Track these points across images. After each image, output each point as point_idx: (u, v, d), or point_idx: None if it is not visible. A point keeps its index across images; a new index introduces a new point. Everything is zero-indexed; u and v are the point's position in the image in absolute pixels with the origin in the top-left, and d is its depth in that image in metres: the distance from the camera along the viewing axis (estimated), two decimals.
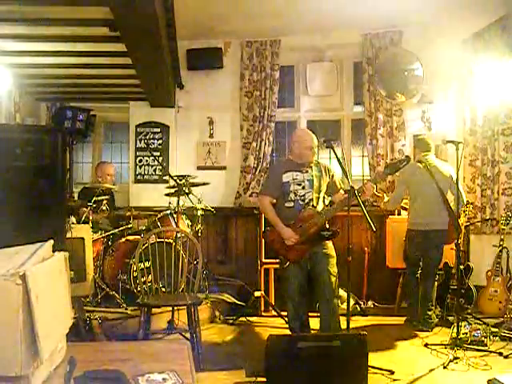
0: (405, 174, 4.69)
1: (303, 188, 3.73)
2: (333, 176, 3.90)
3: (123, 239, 4.98)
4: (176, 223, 4.91)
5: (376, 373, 3.32)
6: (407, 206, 4.82)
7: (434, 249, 4.50)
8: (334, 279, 3.64)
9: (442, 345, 3.92)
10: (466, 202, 4.73)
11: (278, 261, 3.89)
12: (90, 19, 3.86)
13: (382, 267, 5.29)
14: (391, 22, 5.60)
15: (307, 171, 3.78)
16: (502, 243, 4.83)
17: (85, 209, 4.78)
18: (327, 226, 3.72)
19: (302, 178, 3.75)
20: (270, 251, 4.85)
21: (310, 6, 5.06)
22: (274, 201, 3.79)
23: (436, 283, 4.59)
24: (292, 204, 3.72)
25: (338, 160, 3.56)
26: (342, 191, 3.86)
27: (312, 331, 3.82)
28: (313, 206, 3.71)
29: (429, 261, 4.53)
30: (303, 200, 3.72)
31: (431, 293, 4.51)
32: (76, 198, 5.44)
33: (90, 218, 4.65)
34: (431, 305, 4.49)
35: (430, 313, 4.47)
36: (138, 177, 6.21)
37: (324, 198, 3.85)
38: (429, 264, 4.53)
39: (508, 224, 4.85)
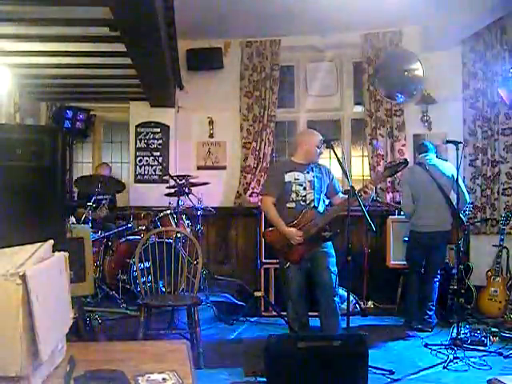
0: (405, 177, 4.68)
1: (304, 189, 3.72)
2: (333, 178, 3.90)
3: (123, 239, 4.99)
4: (176, 223, 4.91)
5: (376, 373, 3.31)
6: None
7: (438, 250, 4.50)
8: (334, 278, 3.64)
9: (442, 345, 3.92)
10: (469, 202, 4.68)
11: (278, 261, 3.88)
12: (90, 19, 3.86)
13: (382, 267, 5.28)
14: (391, 21, 5.60)
15: (308, 172, 3.77)
16: (502, 243, 4.82)
17: (83, 209, 4.79)
18: (328, 227, 3.72)
19: (303, 179, 3.74)
20: (270, 251, 4.85)
21: (310, 5, 5.06)
22: (274, 200, 3.78)
23: (438, 283, 4.58)
24: (294, 204, 3.71)
25: (338, 160, 3.56)
26: (341, 194, 3.86)
27: (312, 331, 3.82)
28: (314, 206, 3.71)
29: (432, 261, 4.52)
30: (305, 201, 3.71)
31: (432, 293, 4.50)
32: (76, 195, 5.45)
33: (90, 217, 4.65)
34: (432, 305, 4.49)
35: (430, 313, 4.46)
36: (138, 177, 6.21)
37: (324, 199, 3.85)
38: (432, 265, 4.52)
39: (508, 224, 4.85)
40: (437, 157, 4.73)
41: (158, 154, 6.13)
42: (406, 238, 4.78)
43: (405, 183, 4.68)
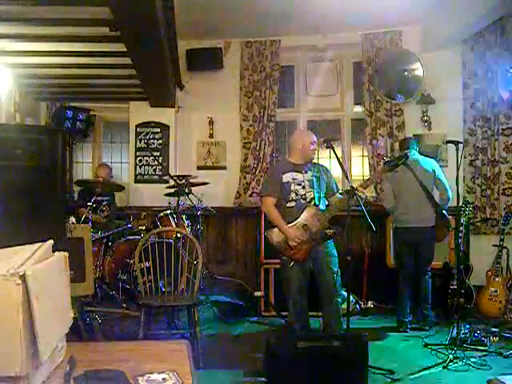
0: (387, 173, 4.69)
1: (303, 188, 3.73)
2: (331, 178, 3.91)
3: (123, 239, 4.98)
4: (176, 223, 4.91)
5: (376, 373, 3.32)
6: None
7: (424, 246, 4.47)
8: (336, 278, 3.65)
9: (442, 345, 3.92)
10: (447, 197, 4.46)
11: (280, 261, 3.87)
12: (90, 19, 3.86)
13: (381, 267, 5.29)
14: (391, 22, 5.60)
15: (306, 172, 3.79)
16: (501, 243, 4.83)
17: (84, 209, 4.79)
18: (329, 225, 3.72)
19: (301, 179, 3.75)
20: (270, 251, 4.84)
21: (310, 5, 5.06)
22: (275, 201, 3.79)
23: (431, 280, 4.55)
24: (293, 204, 3.72)
25: (338, 160, 3.56)
26: (338, 194, 3.87)
27: (312, 331, 3.82)
28: (315, 204, 3.71)
29: (420, 259, 4.50)
30: (305, 199, 3.72)
31: (427, 291, 4.49)
32: (76, 195, 5.45)
33: (90, 218, 4.66)
34: (428, 303, 4.48)
35: (427, 312, 4.46)
36: (138, 177, 6.21)
37: (324, 197, 3.85)
38: (421, 263, 4.50)
39: (508, 224, 4.85)
40: (420, 153, 4.71)
41: (158, 154, 6.13)
42: None
43: (385, 179, 4.68)
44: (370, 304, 5.31)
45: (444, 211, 4.41)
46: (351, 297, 4.59)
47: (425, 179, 4.44)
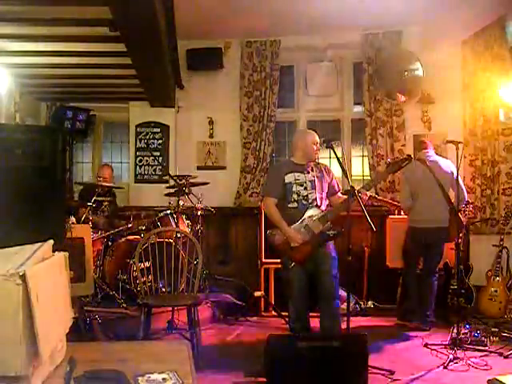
0: (405, 172, 4.69)
1: (305, 189, 3.72)
2: (332, 178, 3.91)
3: (123, 239, 4.98)
4: (176, 223, 4.91)
5: (376, 373, 3.31)
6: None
7: (435, 247, 4.49)
8: (335, 280, 3.64)
9: (442, 345, 3.91)
10: (466, 201, 4.70)
11: (280, 261, 3.86)
12: (90, 19, 3.86)
13: (381, 267, 5.29)
14: (391, 21, 5.60)
15: (309, 172, 3.78)
16: (502, 243, 4.83)
17: (84, 209, 4.79)
18: (331, 226, 3.72)
19: (303, 179, 3.74)
20: (270, 251, 4.84)
21: (310, 5, 5.06)
22: (276, 201, 3.78)
23: (436, 283, 4.57)
24: (296, 204, 3.71)
25: (338, 160, 3.56)
26: (339, 194, 3.87)
27: (312, 331, 3.82)
28: (317, 205, 3.71)
29: (430, 259, 4.52)
30: (306, 200, 3.71)
31: (431, 292, 4.49)
32: (77, 197, 5.45)
33: (90, 218, 4.66)
34: (430, 304, 4.48)
35: (428, 312, 4.46)
36: (138, 177, 6.21)
37: (326, 198, 3.85)
38: (430, 262, 4.52)
39: (508, 224, 4.85)
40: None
41: (158, 154, 6.13)
42: None
43: (404, 179, 4.68)
44: (369, 304, 5.31)
45: (459, 213, 4.42)
46: (351, 297, 4.60)
47: (443, 180, 4.45)
